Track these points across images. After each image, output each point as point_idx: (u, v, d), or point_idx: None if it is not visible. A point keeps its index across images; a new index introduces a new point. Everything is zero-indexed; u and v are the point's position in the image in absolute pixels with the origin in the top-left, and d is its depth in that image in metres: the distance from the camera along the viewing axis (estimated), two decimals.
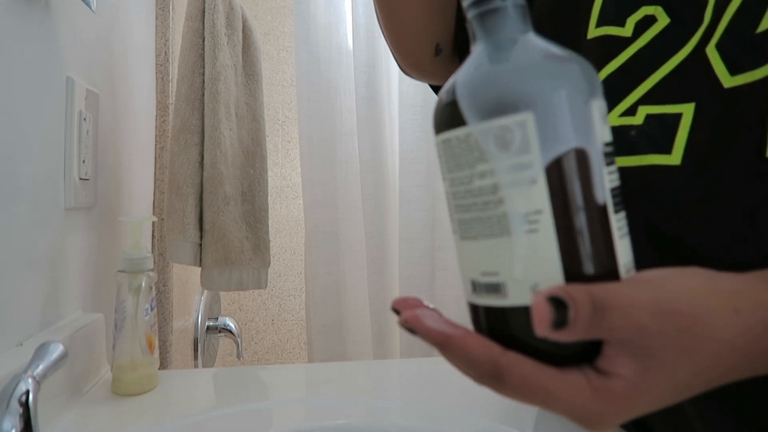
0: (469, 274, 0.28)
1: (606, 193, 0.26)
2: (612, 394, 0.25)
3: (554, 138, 0.25)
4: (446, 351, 0.27)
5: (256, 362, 1.84)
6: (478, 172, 0.26)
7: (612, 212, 0.26)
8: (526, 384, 0.25)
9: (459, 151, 0.27)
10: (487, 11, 0.27)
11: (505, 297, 0.26)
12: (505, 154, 0.25)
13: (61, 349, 0.46)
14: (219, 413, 0.58)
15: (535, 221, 0.25)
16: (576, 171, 0.25)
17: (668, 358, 0.25)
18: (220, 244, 0.92)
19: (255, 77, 1.06)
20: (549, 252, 0.25)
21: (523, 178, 0.25)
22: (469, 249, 0.27)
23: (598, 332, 0.25)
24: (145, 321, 0.64)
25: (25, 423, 0.39)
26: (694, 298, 0.26)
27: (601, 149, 0.26)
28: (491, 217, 0.26)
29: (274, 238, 1.83)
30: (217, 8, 0.95)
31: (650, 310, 0.25)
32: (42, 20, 0.59)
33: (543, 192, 0.25)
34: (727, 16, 0.36)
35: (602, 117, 0.27)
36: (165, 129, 1.02)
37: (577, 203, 0.25)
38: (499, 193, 0.26)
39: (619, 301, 0.25)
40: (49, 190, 0.61)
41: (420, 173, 1.26)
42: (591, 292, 0.24)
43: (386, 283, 1.28)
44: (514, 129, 0.25)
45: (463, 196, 0.27)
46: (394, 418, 0.58)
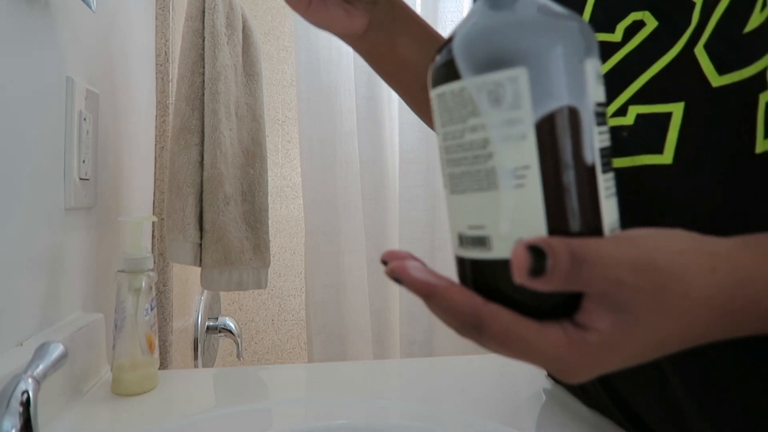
0: (456, 227, 0.28)
1: (595, 152, 0.26)
2: (587, 347, 0.26)
3: (546, 95, 0.25)
4: (430, 301, 0.27)
5: (256, 362, 1.84)
6: (470, 126, 0.26)
7: (600, 172, 0.26)
8: (505, 334, 0.26)
9: (453, 105, 0.27)
10: None
11: (489, 250, 0.27)
12: (497, 108, 0.26)
13: (61, 349, 0.46)
14: (219, 413, 0.58)
15: (522, 176, 0.26)
16: (566, 129, 0.26)
17: (644, 314, 0.26)
18: (220, 244, 0.92)
19: (255, 77, 1.06)
20: (534, 207, 0.26)
21: (513, 133, 0.26)
22: (457, 203, 0.28)
23: (576, 284, 0.25)
24: (145, 321, 0.64)
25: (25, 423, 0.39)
26: (673, 256, 0.27)
27: (593, 109, 0.26)
28: (480, 171, 0.26)
29: (274, 238, 1.83)
30: (217, 8, 0.95)
31: (629, 265, 0.25)
32: (42, 20, 0.59)
33: (532, 148, 0.25)
34: (714, 17, 0.37)
35: (596, 77, 0.27)
36: (165, 129, 1.02)
37: (565, 161, 0.26)
38: (489, 148, 0.26)
39: (598, 255, 0.25)
40: (49, 190, 0.61)
41: (420, 173, 1.26)
42: (571, 244, 0.25)
43: (386, 283, 1.28)
44: (506, 84, 0.25)
45: (454, 150, 0.28)
46: (394, 418, 0.58)
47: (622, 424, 0.52)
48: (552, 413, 0.58)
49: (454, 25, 1.28)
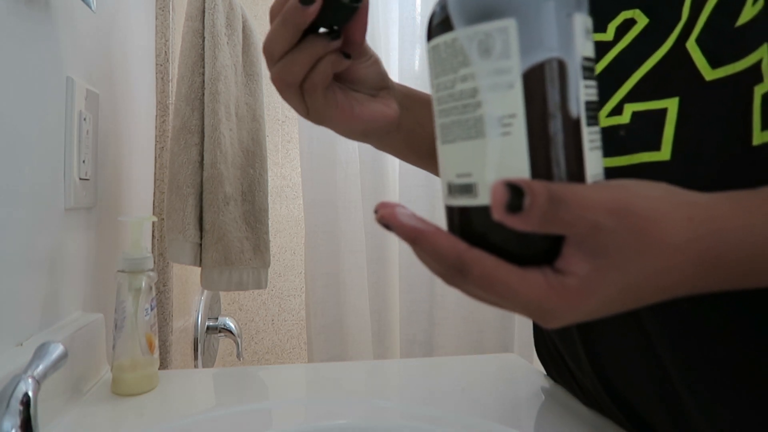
0: (446, 177, 0.30)
1: (580, 105, 0.27)
2: (566, 291, 0.27)
3: (534, 46, 0.26)
4: (416, 245, 0.28)
5: (256, 362, 1.84)
6: (460, 75, 0.27)
7: (584, 124, 0.27)
8: (487, 278, 0.27)
9: (445, 56, 0.28)
10: None
11: (475, 197, 0.28)
12: (486, 58, 0.27)
13: (61, 349, 0.46)
14: (219, 413, 0.58)
15: (509, 124, 0.27)
16: (552, 79, 0.26)
17: (619, 258, 0.26)
18: (220, 244, 0.92)
19: (255, 77, 1.06)
20: (519, 155, 0.27)
21: (501, 82, 0.27)
22: (447, 152, 0.29)
23: (554, 224, 0.26)
24: (145, 321, 0.64)
25: (25, 423, 0.39)
26: (652, 202, 0.27)
27: (580, 62, 0.27)
28: (469, 120, 0.27)
29: (274, 238, 1.83)
30: (217, 8, 0.95)
31: (606, 208, 0.26)
32: (42, 20, 0.59)
33: (518, 97, 0.26)
34: (706, 11, 0.37)
35: (584, 31, 0.28)
36: (165, 129, 1.02)
37: (551, 110, 0.26)
38: (478, 97, 0.27)
39: (576, 197, 0.26)
40: (49, 190, 0.61)
41: (420, 173, 1.26)
42: (549, 186, 0.25)
43: (386, 283, 1.28)
44: (496, 34, 0.26)
45: (446, 100, 0.29)
46: (394, 418, 0.58)
47: (623, 424, 0.52)
48: (551, 413, 0.58)
49: None
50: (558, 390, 0.64)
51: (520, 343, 1.26)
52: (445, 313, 1.24)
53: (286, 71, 0.44)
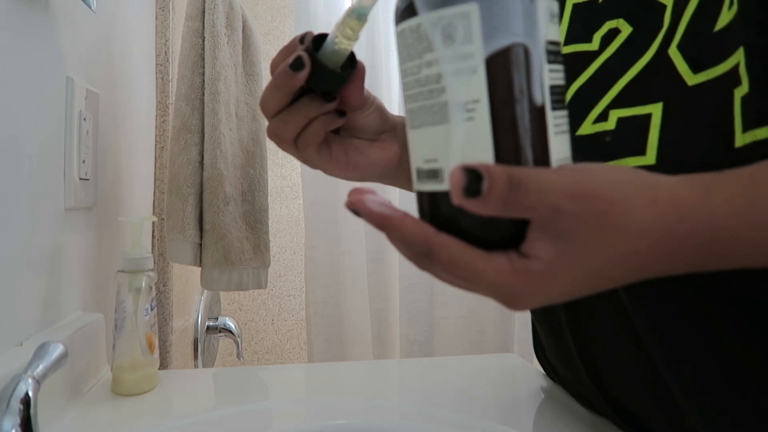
0: (415, 162, 0.30)
1: (544, 89, 0.27)
2: (530, 274, 0.27)
3: (496, 31, 0.26)
4: (386, 231, 0.29)
5: (256, 362, 1.84)
6: (425, 61, 0.28)
7: (549, 109, 0.27)
8: (453, 262, 0.27)
9: (411, 42, 0.28)
10: None
11: (441, 182, 0.28)
12: (450, 43, 0.27)
13: (61, 349, 0.46)
14: (219, 413, 0.58)
15: (472, 110, 0.27)
16: (515, 65, 0.26)
17: (582, 241, 0.27)
18: (220, 244, 0.92)
19: (255, 77, 1.06)
20: (483, 140, 0.27)
21: (464, 67, 0.27)
22: (415, 138, 0.29)
23: (515, 209, 0.26)
24: (145, 321, 0.64)
25: (25, 423, 0.39)
26: (613, 186, 0.27)
27: (544, 47, 0.27)
28: (434, 106, 0.28)
29: (274, 238, 1.83)
30: (217, 8, 0.95)
31: (567, 192, 0.26)
32: (42, 20, 0.59)
33: (482, 82, 0.26)
34: (685, 17, 0.38)
35: (548, 15, 0.28)
36: (165, 129, 1.02)
37: (514, 95, 0.27)
38: (443, 82, 0.27)
39: (537, 181, 0.26)
40: (49, 190, 0.61)
41: None
42: (509, 170, 0.26)
43: (386, 283, 1.28)
44: (459, 19, 0.27)
45: (412, 85, 0.29)
46: (394, 418, 0.58)
47: (620, 425, 0.52)
48: (551, 413, 0.58)
49: None
50: (558, 390, 0.64)
51: (520, 343, 1.26)
52: (445, 313, 1.24)
53: (280, 129, 0.45)
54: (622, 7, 0.43)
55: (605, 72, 0.43)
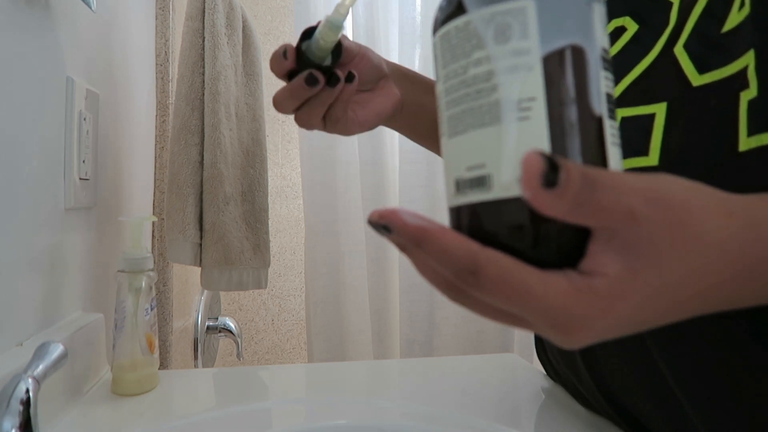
0: (454, 173, 0.27)
1: (601, 95, 0.26)
2: (593, 295, 0.23)
3: (554, 29, 0.25)
4: (423, 246, 0.25)
5: (256, 362, 1.84)
6: (474, 59, 0.26)
7: (606, 116, 0.26)
8: (504, 280, 0.24)
9: (457, 42, 0.27)
10: None
11: (489, 190, 0.25)
12: (504, 39, 0.25)
13: (61, 349, 0.46)
14: (219, 413, 0.58)
15: (528, 108, 0.25)
16: (573, 65, 0.25)
17: (654, 254, 0.23)
18: (220, 244, 0.92)
19: (255, 77, 1.06)
20: (539, 141, 0.24)
21: (519, 63, 0.25)
22: (456, 145, 0.27)
23: (587, 210, 0.23)
24: (145, 321, 0.64)
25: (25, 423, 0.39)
26: (689, 193, 0.25)
27: (600, 53, 0.26)
28: (483, 106, 0.26)
29: (274, 238, 1.83)
30: (217, 8, 0.95)
31: (643, 193, 0.23)
32: (42, 20, 0.59)
33: (538, 79, 0.25)
34: (693, 17, 0.38)
35: (602, 22, 0.27)
36: (165, 129, 1.02)
37: (572, 96, 0.25)
38: (494, 80, 0.25)
39: (612, 181, 0.23)
40: (49, 190, 0.61)
41: (420, 173, 1.26)
42: (583, 167, 0.23)
43: (386, 283, 1.28)
44: (514, 14, 0.25)
45: (456, 88, 0.27)
46: (394, 418, 0.58)
47: (620, 425, 0.52)
48: (551, 413, 0.58)
49: None
50: (558, 390, 0.64)
51: (520, 343, 1.26)
52: (445, 313, 1.24)
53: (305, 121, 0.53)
54: (629, 5, 0.42)
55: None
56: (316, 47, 0.47)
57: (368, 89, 0.54)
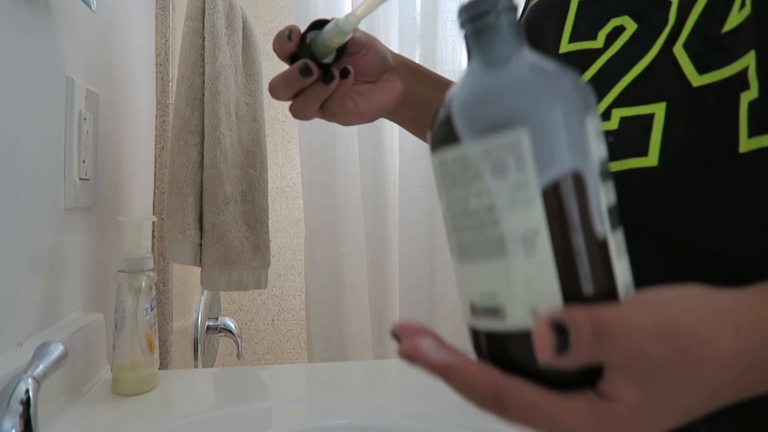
0: (468, 295, 0.27)
1: (603, 213, 0.25)
2: (615, 420, 0.25)
3: (550, 158, 0.25)
4: (448, 380, 0.26)
5: (256, 362, 1.84)
6: (474, 191, 0.26)
7: (610, 232, 0.26)
8: (528, 409, 0.25)
9: (454, 171, 0.26)
10: (481, 28, 0.27)
11: (504, 320, 0.26)
12: (500, 173, 0.25)
13: (61, 349, 0.46)
14: (219, 413, 0.58)
15: (532, 241, 0.25)
16: (573, 192, 0.25)
17: (669, 382, 0.25)
18: (220, 244, 0.92)
19: (255, 77, 1.06)
20: (546, 273, 0.25)
21: (519, 197, 0.25)
22: (467, 270, 0.27)
23: (600, 355, 0.24)
24: (145, 321, 0.64)
25: (25, 423, 0.39)
26: (695, 317, 0.26)
27: (598, 168, 0.26)
28: (488, 238, 0.26)
29: (274, 238, 1.83)
30: (217, 8, 0.95)
31: (651, 332, 0.25)
32: (42, 20, 0.59)
33: (539, 212, 0.25)
34: (693, 16, 0.37)
35: (597, 133, 0.26)
36: (165, 129, 1.02)
37: (574, 224, 0.25)
38: (496, 214, 0.25)
39: (620, 324, 0.24)
40: (49, 190, 0.61)
41: (420, 173, 1.26)
42: (591, 315, 0.24)
43: (386, 283, 1.28)
44: (509, 147, 0.25)
45: (460, 216, 0.27)
46: (394, 418, 0.58)
47: None
48: None
49: (454, 25, 1.28)
50: None
51: None
52: (446, 313, 1.24)
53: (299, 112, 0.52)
54: (627, 3, 0.42)
55: (609, 70, 0.42)
56: (321, 43, 0.47)
57: (372, 81, 0.54)
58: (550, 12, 0.47)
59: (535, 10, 0.50)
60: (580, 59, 0.44)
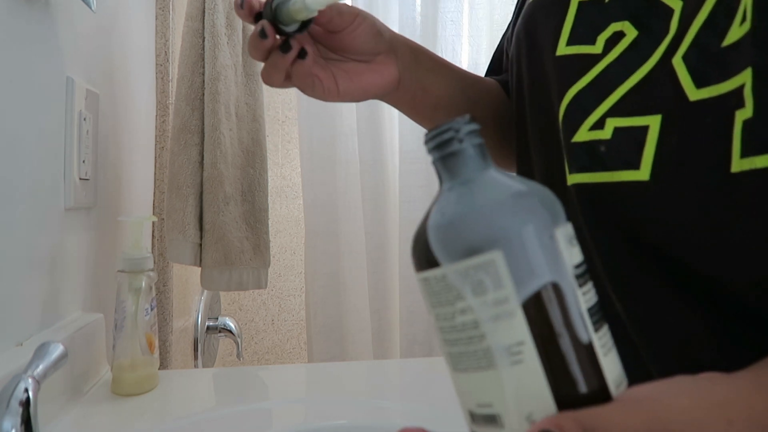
0: (466, 404, 0.29)
1: (584, 316, 0.27)
2: None
3: (526, 273, 0.26)
4: None
5: (256, 362, 1.84)
6: (458, 309, 0.27)
7: (593, 332, 0.27)
8: None
9: (438, 290, 0.28)
10: (448, 154, 0.29)
11: (501, 427, 0.27)
12: (480, 291, 0.26)
13: (61, 349, 0.46)
14: (219, 413, 0.58)
15: (518, 352, 0.26)
16: (552, 301, 0.26)
17: None
18: (220, 244, 0.92)
19: (255, 77, 1.06)
20: (537, 381, 0.26)
21: (500, 312, 0.26)
22: (462, 381, 0.28)
23: None
24: (145, 321, 0.64)
25: (25, 423, 0.39)
26: (686, 416, 0.26)
27: (572, 274, 0.27)
28: (477, 351, 0.27)
29: (274, 238, 1.83)
30: (217, 8, 0.95)
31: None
32: (42, 20, 0.59)
33: (522, 324, 0.26)
34: (694, 27, 0.37)
35: (568, 242, 0.28)
36: (165, 129, 1.02)
37: (557, 331, 0.26)
38: (481, 329, 0.26)
39: (609, 427, 0.24)
40: (49, 190, 0.61)
41: (420, 173, 1.26)
42: (582, 421, 0.24)
43: (386, 283, 1.28)
44: (485, 268, 0.26)
45: (448, 331, 0.28)
46: (394, 418, 0.58)
47: None
48: None
49: (454, 25, 1.28)
50: None
51: None
52: None
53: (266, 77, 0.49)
54: (629, 8, 0.41)
55: (606, 77, 0.41)
56: (285, 12, 0.45)
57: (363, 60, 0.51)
58: (548, 11, 0.46)
59: (532, 8, 0.48)
60: (577, 64, 0.43)
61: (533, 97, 0.49)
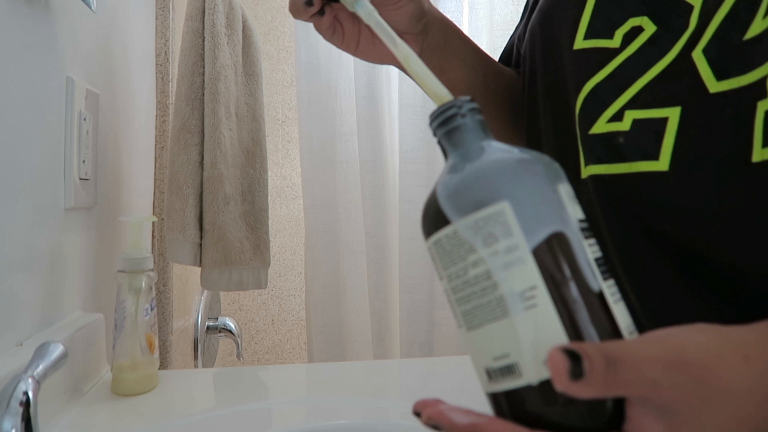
0: (482, 363, 0.29)
1: (592, 264, 0.28)
2: None
3: (533, 221, 0.27)
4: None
5: (256, 362, 1.84)
6: (470, 262, 0.28)
7: (602, 281, 0.28)
8: None
9: (450, 248, 0.29)
10: (452, 129, 0.31)
11: (520, 376, 0.27)
12: (492, 241, 0.27)
13: (61, 349, 0.46)
14: (219, 413, 0.58)
15: (532, 297, 0.27)
16: (560, 248, 0.27)
17: (690, 412, 0.25)
18: (220, 244, 0.92)
19: (255, 77, 1.06)
20: (551, 323, 0.26)
21: (511, 259, 0.27)
22: (476, 338, 0.29)
23: (615, 388, 0.25)
24: (145, 321, 0.64)
25: (25, 423, 0.39)
26: (703, 349, 0.26)
27: (577, 226, 0.28)
28: (491, 302, 0.27)
29: (274, 238, 1.83)
30: (217, 8, 0.95)
31: (661, 363, 0.25)
32: (42, 20, 0.59)
33: (533, 269, 0.27)
34: (715, 21, 0.37)
35: (571, 198, 0.29)
36: (165, 129, 1.02)
37: (568, 275, 0.27)
38: (494, 278, 0.27)
39: (630, 355, 0.25)
40: (49, 190, 0.61)
41: (420, 173, 1.26)
42: (602, 347, 0.25)
43: (386, 283, 1.28)
44: (495, 218, 0.27)
45: (461, 288, 0.29)
46: (394, 418, 0.58)
47: None
48: None
49: None
50: None
51: None
52: (445, 313, 1.24)
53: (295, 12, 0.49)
54: (647, 4, 0.41)
55: (624, 70, 0.41)
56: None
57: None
58: (565, 6, 0.46)
59: (548, 3, 0.49)
60: (595, 57, 0.43)
61: (548, 90, 0.49)
